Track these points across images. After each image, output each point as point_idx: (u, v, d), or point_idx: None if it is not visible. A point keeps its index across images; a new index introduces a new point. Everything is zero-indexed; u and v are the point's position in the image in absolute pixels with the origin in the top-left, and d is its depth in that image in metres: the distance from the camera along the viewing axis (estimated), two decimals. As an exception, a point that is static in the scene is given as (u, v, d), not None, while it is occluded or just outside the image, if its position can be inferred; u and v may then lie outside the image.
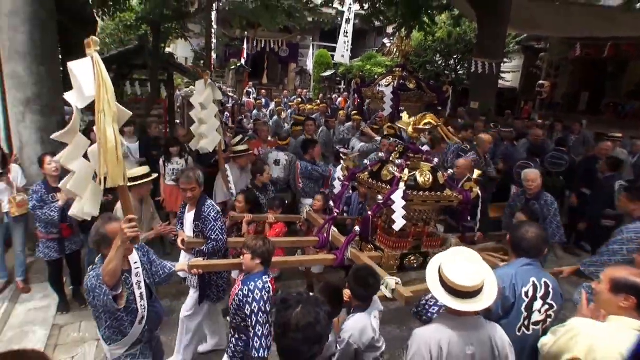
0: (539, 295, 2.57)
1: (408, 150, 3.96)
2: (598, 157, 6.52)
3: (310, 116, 9.10)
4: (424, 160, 3.98)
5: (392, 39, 17.33)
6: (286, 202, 5.03)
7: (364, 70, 17.63)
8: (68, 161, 2.44)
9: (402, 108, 8.32)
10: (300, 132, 7.37)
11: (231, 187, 5.37)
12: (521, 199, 4.88)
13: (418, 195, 3.69)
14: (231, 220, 4.51)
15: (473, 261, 2.26)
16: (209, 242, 3.56)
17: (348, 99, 15.41)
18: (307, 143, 6.22)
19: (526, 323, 2.56)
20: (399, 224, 3.55)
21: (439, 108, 10.34)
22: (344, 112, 10.50)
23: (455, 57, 15.49)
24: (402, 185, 3.61)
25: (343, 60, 19.08)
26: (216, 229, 3.56)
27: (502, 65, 10.29)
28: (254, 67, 20.03)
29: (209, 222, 3.56)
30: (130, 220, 2.31)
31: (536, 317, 2.57)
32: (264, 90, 17.90)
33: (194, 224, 3.64)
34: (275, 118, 10.59)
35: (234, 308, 2.89)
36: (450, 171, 4.22)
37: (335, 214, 4.22)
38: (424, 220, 3.93)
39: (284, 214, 4.96)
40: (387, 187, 3.73)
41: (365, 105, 9.18)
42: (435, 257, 2.40)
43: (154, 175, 4.12)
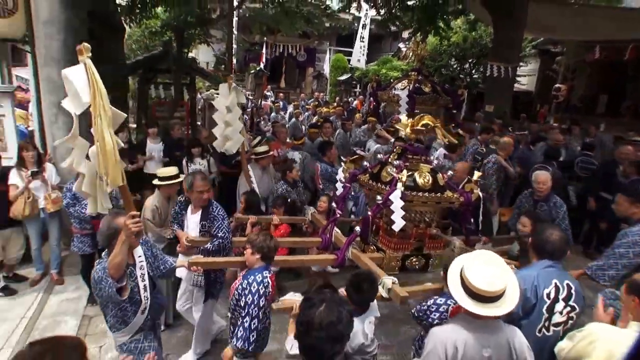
0: (560, 296, 2.55)
1: (407, 151, 3.94)
2: (618, 160, 6.22)
3: (327, 119, 9.27)
4: (423, 161, 3.95)
5: (407, 43, 17.38)
6: (289, 201, 5.05)
7: (380, 74, 17.73)
8: (77, 165, 2.52)
9: (417, 111, 8.41)
10: (316, 134, 7.55)
11: (254, 187, 5.49)
12: (529, 200, 4.78)
13: (418, 196, 3.66)
14: (236, 222, 4.60)
15: (496, 265, 2.21)
16: (215, 239, 3.63)
17: (364, 102, 15.53)
18: (324, 145, 6.40)
19: (546, 324, 2.55)
20: (398, 224, 3.53)
21: (454, 111, 10.39)
22: (360, 115, 10.64)
23: (470, 61, 15.46)
24: (399, 185, 3.58)
25: (359, 65, 19.21)
26: (223, 227, 3.68)
27: (517, 69, 10.25)
28: (272, 71, 20.22)
29: (217, 220, 3.67)
30: (134, 216, 2.41)
31: (557, 318, 2.55)
32: (281, 94, 18.13)
33: (201, 224, 3.72)
34: (293, 120, 10.76)
35: (233, 303, 2.96)
36: (450, 172, 4.13)
37: (338, 215, 4.16)
38: (425, 221, 3.89)
39: (290, 214, 5.01)
40: (387, 188, 3.69)
41: (380, 108, 9.29)
42: (458, 259, 2.36)
43: (182, 177, 4.20)
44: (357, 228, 3.81)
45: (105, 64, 7.48)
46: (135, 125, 9.77)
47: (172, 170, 4.28)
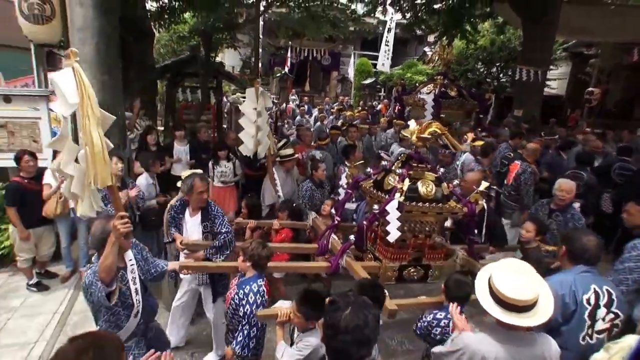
0: (602, 302, 2.47)
1: (412, 159, 3.77)
2: None
3: (352, 123, 9.27)
4: (428, 169, 3.78)
5: (433, 47, 17.23)
6: (294, 205, 4.99)
7: (405, 78, 17.63)
8: (65, 166, 2.50)
9: (443, 115, 8.34)
10: (337, 135, 7.67)
11: (278, 189, 5.52)
12: (544, 208, 4.57)
13: (417, 206, 3.50)
14: (236, 226, 4.59)
15: (526, 273, 2.13)
16: (220, 236, 3.70)
17: (388, 106, 15.47)
18: (347, 148, 6.39)
19: (590, 332, 2.46)
20: (393, 235, 3.42)
21: (481, 116, 10.22)
22: (385, 119, 10.62)
23: (497, 64, 15.18)
24: (397, 195, 3.44)
25: (383, 69, 19.16)
26: (225, 223, 3.77)
27: (547, 72, 10.00)
28: (297, 75, 20.41)
29: (218, 218, 3.76)
30: (122, 217, 2.41)
31: (600, 325, 2.46)
32: (306, 97, 18.24)
33: (203, 225, 3.77)
34: (318, 124, 10.80)
35: (230, 312, 2.99)
36: (455, 182, 3.93)
37: (336, 222, 4.06)
38: (426, 232, 3.72)
39: (294, 218, 4.92)
40: (387, 197, 3.55)
41: (405, 112, 9.25)
42: (485, 267, 2.30)
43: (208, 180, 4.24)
44: (352, 236, 3.75)
45: (135, 68, 7.74)
46: (162, 128, 9.96)
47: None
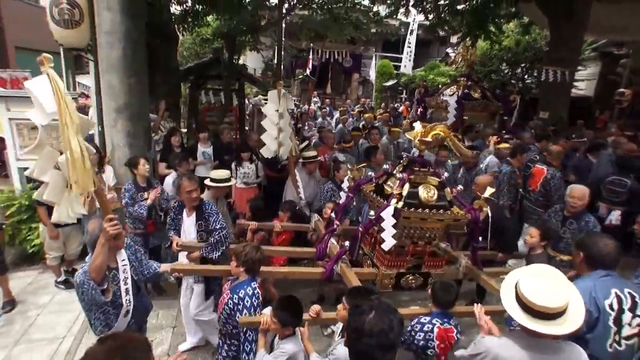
0: (625, 307, 2.38)
1: (414, 163, 3.63)
2: None
3: (374, 125, 9.25)
4: (431, 174, 3.62)
5: (456, 48, 17.01)
6: (297, 207, 4.96)
7: (427, 80, 17.45)
8: (40, 173, 2.53)
9: (466, 117, 8.23)
10: (358, 137, 7.67)
11: (300, 191, 5.54)
12: (558, 215, 4.47)
13: (416, 213, 3.35)
14: (238, 228, 4.62)
15: (555, 279, 2.05)
16: (215, 232, 3.74)
17: (410, 108, 15.35)
18: (369, 150, 6.41)
19: (617, 338, 2.38)
20: (387, 243, 3.32)
21: (505, 118, 10.02)
22: (408, 121, 10.54)
23: (522, 65, 14.86)
24: (393, 202, 3.32)
25: (405, 70, 19.03)
26: (219, 220, 3.81)
27: (575, 73, 9.77)
28: (318, 77, 20.46)
29: (212, 215, 3.81)
30: (111, 219, 2.48)
31: (627, 331, 2.38)
32: (327, 99, 18.28)
33: (197, 224, 3.83)
34: (340, 126, 10.81)
35: (224, 317, 2.97)
36: (459, 187, 3.76)
37: (335, 226, 3.97)
38: (426, 238, 3.58)
39: (296, 221, 4.86)
40: (385, 202, 3.43)
41: (428, 114, 9.17)
42: (512, 273, 2.22)
43: (233, 181, 4.28)
44: (347, 242, 3.66)
45: (160, 72, 7.88)
46: (185, 130, 10.11)
47: (224, 173, 4.46)
